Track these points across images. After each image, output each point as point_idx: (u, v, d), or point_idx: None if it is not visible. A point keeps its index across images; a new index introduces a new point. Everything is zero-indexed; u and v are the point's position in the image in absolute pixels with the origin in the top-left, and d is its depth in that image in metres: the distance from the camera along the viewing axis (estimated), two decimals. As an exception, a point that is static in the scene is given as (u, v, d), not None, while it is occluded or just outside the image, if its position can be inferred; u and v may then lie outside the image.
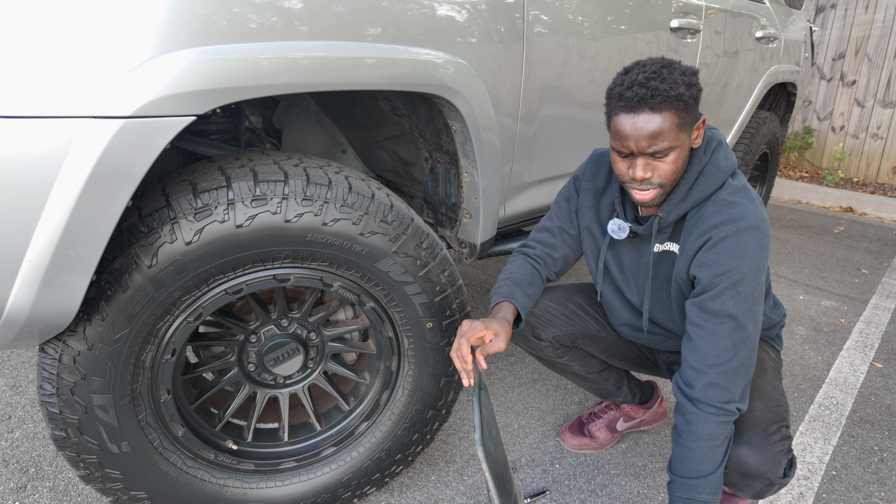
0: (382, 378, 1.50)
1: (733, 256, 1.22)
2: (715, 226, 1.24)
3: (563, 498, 1.67)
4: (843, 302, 3.07)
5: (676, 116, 1.17)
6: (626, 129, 1.18)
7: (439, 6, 1.35)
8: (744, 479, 1.30)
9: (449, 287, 1.43)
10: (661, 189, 1.25)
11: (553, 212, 1.56)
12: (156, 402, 1.25)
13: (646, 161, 1.22)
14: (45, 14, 0.87)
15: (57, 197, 0.90)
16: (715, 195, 1.29)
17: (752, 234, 1.22)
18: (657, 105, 1.15)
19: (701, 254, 1.25)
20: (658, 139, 1.17)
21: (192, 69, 0.96)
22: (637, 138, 1.18)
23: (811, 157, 5.80)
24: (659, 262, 1.39)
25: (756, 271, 1.22)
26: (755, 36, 2.82)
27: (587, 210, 1.49)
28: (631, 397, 1.84)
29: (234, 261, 1.16)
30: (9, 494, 1.58)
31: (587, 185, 1.49)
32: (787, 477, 1.29)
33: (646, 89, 1.15)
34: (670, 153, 1.20)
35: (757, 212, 1.25)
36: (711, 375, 1.22)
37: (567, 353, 1.65)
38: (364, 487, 1.54)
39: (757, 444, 1.26)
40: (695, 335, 1.25)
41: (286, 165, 1.22)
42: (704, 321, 1.24)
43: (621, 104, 1.18)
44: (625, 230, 1.38)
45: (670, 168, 1.22)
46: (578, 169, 1.54)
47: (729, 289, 1.21)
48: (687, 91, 1.16)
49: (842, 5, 5.37)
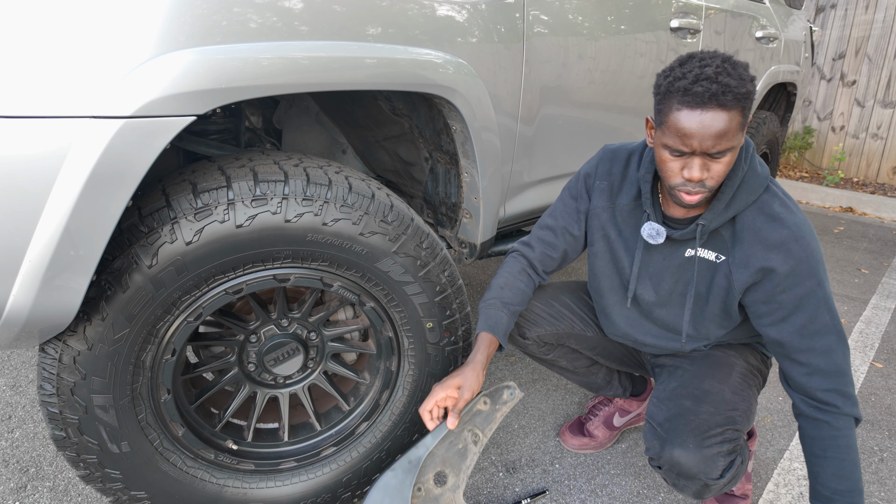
0: (382, 378, 1.50)
1: (813, 274, 1.22)
2: (782, 243, 1.22)
3: (563, 498, 1.67)
4: (843, 302, 3.07)
5: (741, 116, 1.11)
6: (691, 126, 1.10)
7: (439, 6, 1.35)
8: (680, 479, 1.32)
9: (449, 287, 1.43)
10: (709, 192, 1.20)
11: (557, 209, 1.51)
12: (156, 402, 1.25)
13: (703, 161, 1.14)
14: (46, 14, 0.87)
15: (57, 197, 0.90)
16: (759, 203, 1.26)
17: (815, 244, 1.24)
18: (728, 102, 1.08)
19: (777, 278, 1.23)
20: (724, 138, 1.10)
21: (192, 69, 0.96)
22: (703, 137, 1.10)
23: (811, 157, 5.80)
24: (685, 268, 1.35)
25: (827, 277, 1.25)
26: (755, 36, 2.82)
27: (602, 212, 1.43)
28: (622, 391, 1.83)
29: (234, 261, 1.16)
30: (9, 494, 1.58)
31: (601, 184, 1.43)
32: (724, 478, 1.30)
33: (717, 85, 1.08)
34: (727, 154, 1.14)
35: (806, 218, 1.26)
36: (843, 387, 1.24)
37: (552, 350, 1.64)
38: (364, 487, 1.54)
39: (692, 445, 1.27)
40: (807, 360, 1.25)
41: (286, 165, 1.22)
42: (812, 343, 1.24)
43: (687, 99, 1.10)
44: (662, 234, 1.32)
45: (724, 169, 1.16)
46: (588, 166, 1.47)
47: (821, 306, 1.23)
48: (753, 89, 1.12)
49: (842, 5, 5.37)
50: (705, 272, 1.34)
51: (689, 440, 1.28)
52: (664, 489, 1.71)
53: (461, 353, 1.52)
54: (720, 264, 1.31)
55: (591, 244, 1.49)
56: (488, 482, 1.71)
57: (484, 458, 1.80)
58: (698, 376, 1.40)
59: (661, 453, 1.31)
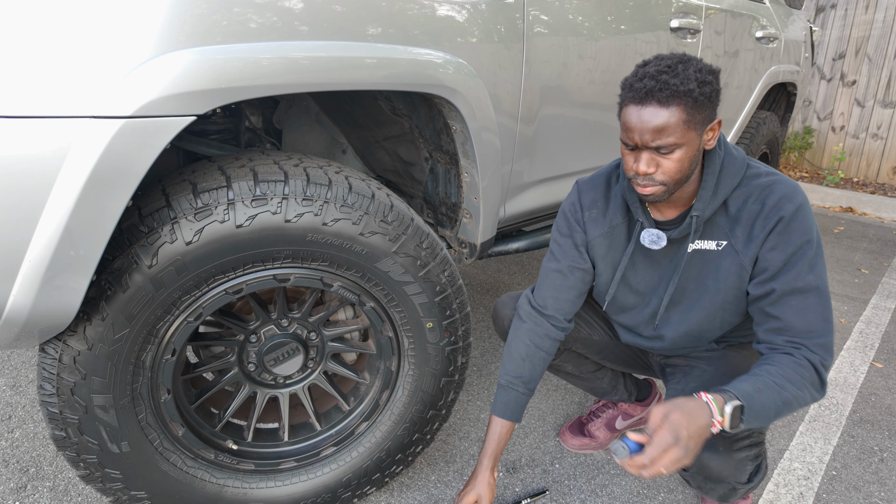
0: (382, 378, 1.50)
1: (803, 232, 1.21)
2: (777, 205, 1.22)
3: (563, 498, 1.67)
4: (843, 302, 3.07)
5: (684, 113, 1.14)
6: (632, 120, 1.16)
7: (439, 6, 1.35)
8: (707, 483, 1.31)
9: (449, 287, 1.43)
10: (663, 187, 1.21)
11: (555, 252, 1.47)
12: (156, 401, 1.25)
13: (650, 156, 1.18)
14: (46, 14, 0.87)
15: (57, 197, 0.90)
16: (745, 182, 1.27)
17: (807, 204, 1.23)
18: (665, 99, 1.13)
19: (773, 236, 1.23)
20: (662, 134, 1.14)
21: (192, 69, 0.96)
22: (642, 131, 1.15)
23: (811, 157, 5.80)
24: (690, 263, 1.35)
25: (820, 240, 1.23)
26: (755, 36, 2.82)
27: (602, 239, 1.42)
28: (627, 396, 1.83)
29: (234, 261, 1.16)
30: (9, 494, 1.58)
31: (591, 213, 1.43)
32: (752, 482, 1.29)
33: (655, 82, 1.13)
34: (676, 150, 1.17)
35: (795, 183, 1.26)
36: (809, 341, 1.20)
37: (559, 355, 1.64)
38: (364, 487, 1.54)
39: (722, 449, 1.26)
40: (781, 314, 1.22)
41: (286, 165, 1.22)
42: (789, 300, 1.21)
43: (630, 95, 1.16)
44: (663, 238, 1.33)
45: (675, 167, 1.18)
46: (569, 203, 1.46)
47: (808, 264, 1.21)
48: (698, 88, 1.13)
49: (842, 5, 5.37)
50: (710, 263, 1.33)
51: (719, 444, 1.26)
52: (664, 489, 1.71)
53: (461, 353, 1.52)
54: (723, 251, 1.30)
55: (599, 275, 1.47)
56: (488, 482, 1.71)
57: (484, 458, 1.80)
58: (718, 377, 1.39)
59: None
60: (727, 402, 1.11)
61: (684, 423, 1.07)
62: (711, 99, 1.17)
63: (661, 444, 1.06)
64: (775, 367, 1.17)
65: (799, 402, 1.16)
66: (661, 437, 1.07)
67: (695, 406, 1.10)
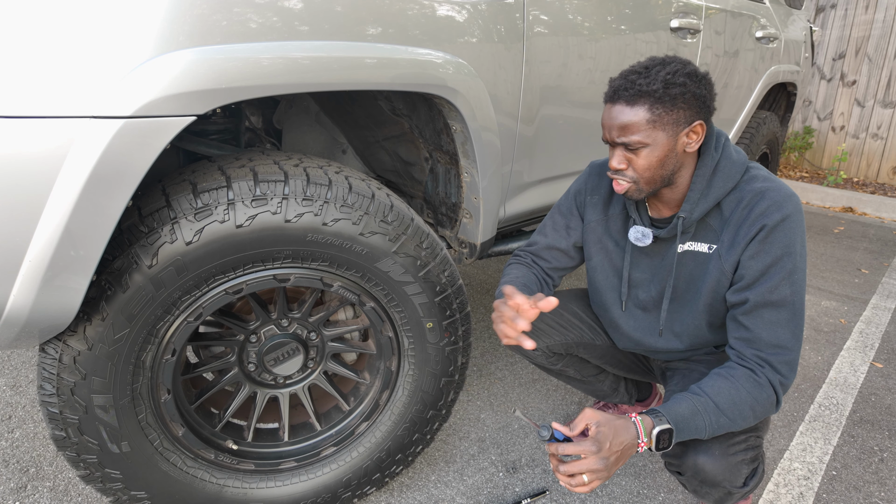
0: (382, 378, 1.50)
1: (785, 244, 1.20)
2: (763, 213, 1.22)
3: (563, 498, 1.67)
4: (843, 302, 3.07)
5: (648, 112, 1.17)
6: (604, 116, 1.24)
7: (439, 6, 1.35)
8: (703, 487, 1.30)
9: (449, 287, 1.43)
10: (634, 185, 1.24)
11: (546, 226, 1.54)
12: (156, 402, 1.25)
13: (622, 152, 1.23)
14: (46, 14, 0.87)
15: (57, 197, 0.90)
16: (741, 186, 1.27)
17: (797, 216, 1.22)
18: (629, 98, 1.18)
19: (753, 244, 1.22)
20: (627, 131, 1.19)
21: (192, 69, 0.96)
22: (610, 127, 1.22)
23: (811, 157, 5.80)
24: (682, 264, 1.35)
25: (804, 254, 1.23)
26: (755, 36, 2.82)
27: (597, 225, 1.45)
28: (628, 398, 1.84)
29: (234, 261, 1.16)
30: (9, 494, 1.58)
31: (593, 198, 1.46)
32: (748, 486, 1.29)
33: (623, 81, 1.19)
34: (642, 149, 1.20)
35: (792, 192, 1.25)
36: (775, 358, 1.20)
37: (561, 360, 1.64)
38: (364, 487, 1.54)
39: (717, 453, 1.26)
40: (751, 325, 1.22)
41: (286, 165, 1.22)
42: (762, 312, 1.21)
43: (606, 93, 1.24)
44: (648, 236, 1.35)
45: (643, 164, 1.21)
46: (577, 183, 1.51)
47: (785, 278, 1.20)
48: (663, 89, 1.15)
49: (842, 5, 5.37)
50: (701, 265, 1.33)
51: (715, 447, 1.26)
52: (664, 489, 1.71)
53: (461, 353, 1.52)
54: (712, 254, 1.31)
55: (589, 258, 1.50)
56: (488, 482, 1.71)
57: (484, 458, 1.80)
58: None
59: (684, 459, 1.28)
60: (656, 426, 1.14)
61: (609, 436, 1.10)
62: (682, 101, 1.17)
63: (583, 448, 1.09)
64: (729, 384, 1.19)
65: (739, 425, 1.20)
66: (585, 443, 1.10)
67: (622, 424, 1.13)
